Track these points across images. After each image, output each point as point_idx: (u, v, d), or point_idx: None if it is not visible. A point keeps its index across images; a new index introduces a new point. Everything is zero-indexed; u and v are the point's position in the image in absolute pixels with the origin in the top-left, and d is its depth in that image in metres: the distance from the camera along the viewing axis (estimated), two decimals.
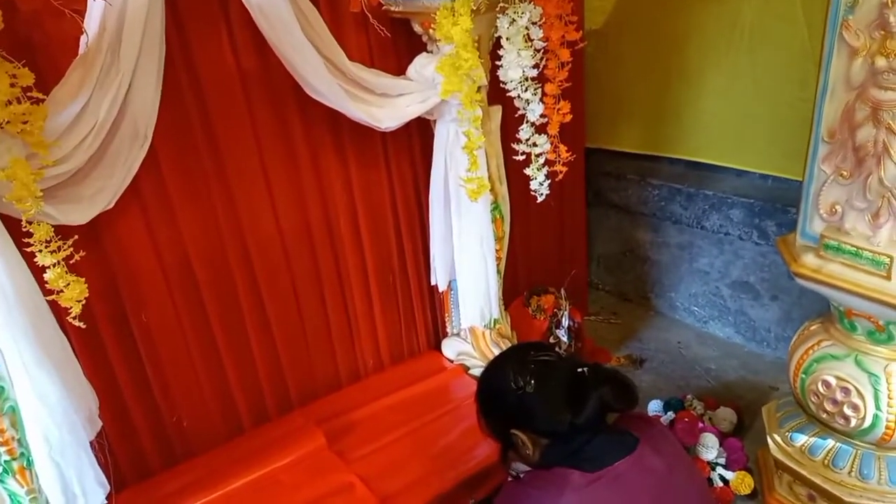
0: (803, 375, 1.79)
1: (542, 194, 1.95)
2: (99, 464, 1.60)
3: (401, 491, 1.82)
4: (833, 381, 1.71)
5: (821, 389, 1.74)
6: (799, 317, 2.38)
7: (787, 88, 2.30)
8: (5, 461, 1.46)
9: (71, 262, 1.38)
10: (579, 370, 1.24)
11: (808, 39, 2.21)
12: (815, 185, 1.63)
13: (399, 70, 1.96)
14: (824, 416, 1.77)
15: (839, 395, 1.70)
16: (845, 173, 1.55)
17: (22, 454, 1.47)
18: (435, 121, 2.05)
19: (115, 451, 1.79)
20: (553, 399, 1.22)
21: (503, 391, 1.27)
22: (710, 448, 2.05)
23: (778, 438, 1.93)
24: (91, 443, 1.57)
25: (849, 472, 1.77)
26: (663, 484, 1.20)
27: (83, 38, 1.41)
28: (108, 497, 1.65)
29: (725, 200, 2.63)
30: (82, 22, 1.40)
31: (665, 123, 2.78)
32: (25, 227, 1.31)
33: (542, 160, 1.90)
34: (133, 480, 1.90)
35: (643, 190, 2.91)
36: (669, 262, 2.97)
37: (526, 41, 1.74)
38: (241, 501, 1.82)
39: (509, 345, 2.35)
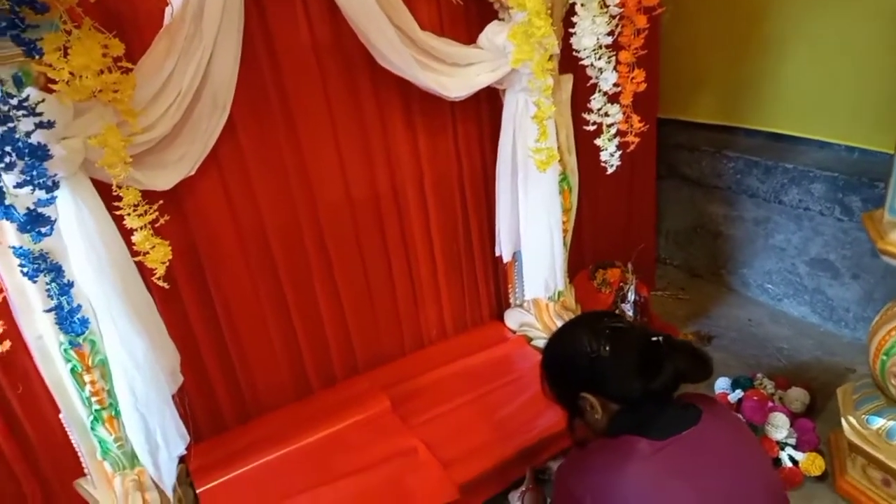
0: (884, 357, 1.72)
1: (612, 165, 1.91)
2: (180, 416, 1.70)
3: (462, 457, 1.86)
4: None
5: None
6: (882, 297, 2.27)
7: (876, 55, 2.16)
8: (96, 410, 1.57)
9: (156, 225, 1.46)
10: (654, 338, 1.23)
11: None
12: None
13: (470, 39, 1.95)
14: None
15: None
16: None
17: (111, 404, 1.58)
18: (504, 90, 2.03)
19: (193, 405, 1.89)
20: (628, 365, 1.21)
21: (576, 355, 1.26)
22: (779, 428, 1.99)
23: (853, 420, 1.87)
24: (173, 396, 1.67)
25: None
26: (727, 456, 1.18)
27: (168, 10, 1.46)
28: (188, 448, 1.75)
29: (807, 174, 2.51)
30: None
31: (743, 93, 2.66)
32: (115, 191, 1.39)
33: (613, 130, 1.85)
34: (209, 434, 2.01)
35: (718, 162, 2.81)
36: (744, 237, 2.87)
37: (601, 7, 1.69)
38: (309, 458, 1.90)
39: (573, 317, 2.34)
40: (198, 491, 1.81)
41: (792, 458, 1.97)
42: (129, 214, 1.40)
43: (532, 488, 1.72)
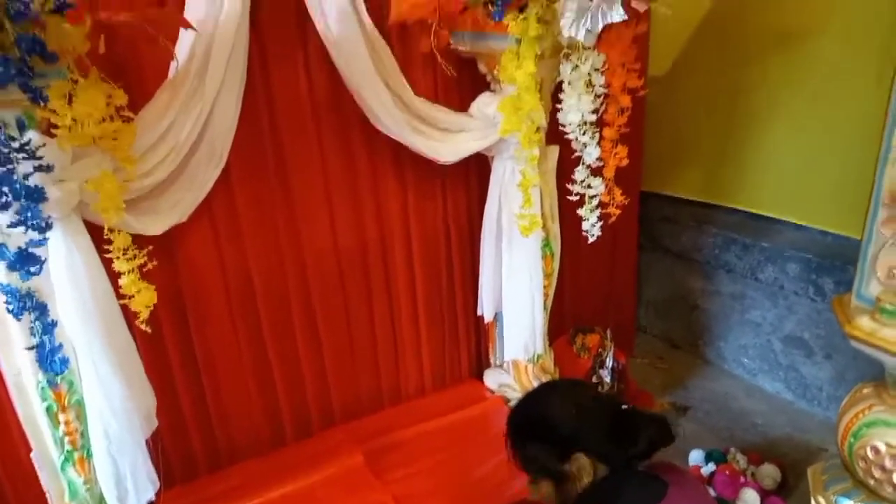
0: (852, 439, 1.75)
1: (593, 235, 1.97)
2: (151, 461, 1.69)
3: None
4: (883, 448, 1.66)
5: (869, 455, 1.69)
6: (853, 378, 2.31)
7: (857, 144, 2.24)
8: (68, 451, 1.56)
9: (144, 269, 1.48)
10: (623, 407, 1.26)
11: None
12: (874, 248, 1.61)
13: (462, 107, 2.03)
14: (872, 482, 1.71)
15: (888, 463, 1.65)
16: None
17: (83, 446, 1.57)
18: (493, 157, 2.10)
19: (167, 450, 1.88)
20: (608, 427, 1.24)
21: (558, 416, 1.27)
22: None
23: (822, 501, 1.88)
24: (146, 441, 1.66)
25: None
26: None
27: (173, 64, 1.53)
28: (157, 493, 1.73)
29: (782, 253, 2.58)
30: (174, 48, 1.52)
31: (725, 172, 2.76)
32: (107, 234, 1.42)
33: (595, 202, 1.93)
34: (181, 480, 1.99)
35: (698, 237, 2.89)
36: (720, 311, 2.92)
37: (587, 86, 1.78)
38: None
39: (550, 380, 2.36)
40: None
41: None
42: (118, 258, 1.43)
43: None
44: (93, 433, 1.54)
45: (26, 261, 1.23)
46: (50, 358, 1.35)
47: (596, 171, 1.89)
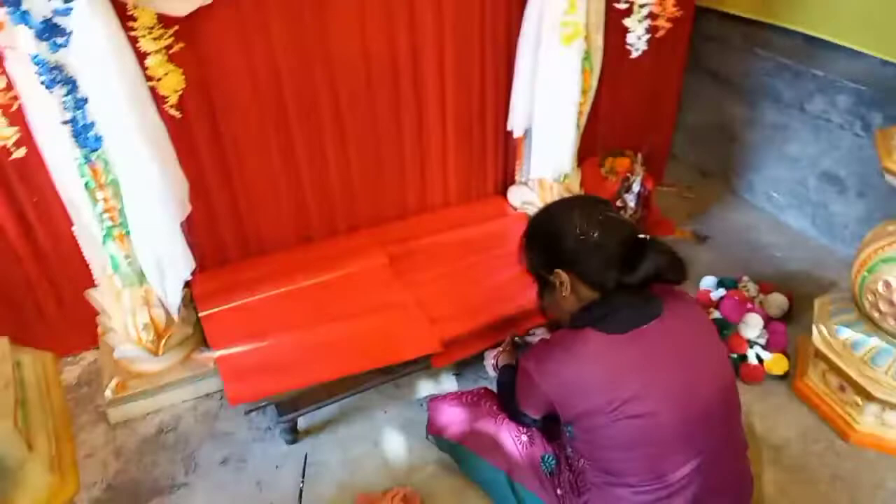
0: (866, 273, 1.77)
1: (638, 49, 1.87)
2: (186, 244, 1.78)
3: (449, 316, 1.95)
4: (895, 283, 1.69)
5: (880, 289, 1.72)
6: (880, 217, 2.26)
7: None
8: (108, 227, 1.65)
9: (171, 51, 1.46)
10: (640, 236, 1.27)
11: None
12: None
13: None
14: (876, 315, 1.76)
15: None
16: None
17: (122, 223, 1.66)
18: None
19: (199, 236, 1.98)
20: (610, 254, 1.26)
21: (564, 232, 1.30)
22: (752, 327, 2.08)
23: (823, 329, 1.95)
24: (181, 224, 1.74)
25: (886, 371, 1.79)
26: (681, 350, 1.27)
27: None
28: (192, 274, 1.85)
29: (834, 83, 2.44)
30: None
31: None
32: (131, 10, 1.38)
33: (644, 11, 1.81)
34: (213, 265, 2.11)
35: (748, 61, 2.72)
36: (760, 142, 2.83)
37: None
38: (305, 298, 2.01)
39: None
40: (200, 315, 1.94)
41: (758, 357, 2.08)
42: (143, 36, 1.40)
43: (507, 350, 1.84)
44: (129, 212, 1.61)
45: (52, 31, 1.21)
46: (84, 133, 1.38)
47: None
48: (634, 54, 1.88)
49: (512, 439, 1.53)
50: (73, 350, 2.18)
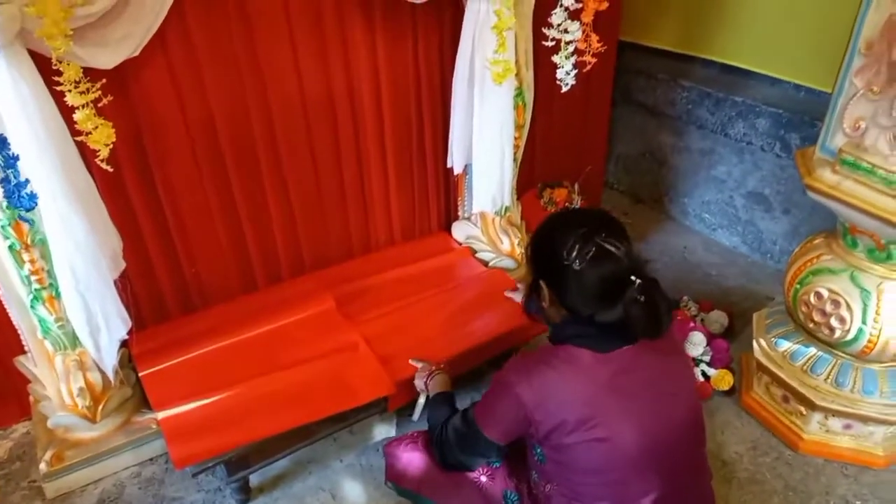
0: (798, 286, 1.85)
1: (567, 84, 1.93)
2: (122, 301, 1.71)
3: (400, 353, 1.93)
4: (825, 294, 1.76)
5: (812, 300, 1.80)
6: (806, 232, 2.40)
7: None
8: (36, 289, 1.58)
9: (99, 105, 1.42)
10: (632, 278, 1.22)
11: None
12: (844, 98, 1.61)
13: None
14: (811, 325, 1.84)
15: (829, 307, 1.76)
16: (875, 88, 1.52)
17: (51, 284, 1.58)
18: None
19: (136, 292, 1.90)
20: (588, 287, 1.25)
21: (554, 250, 1.27)
22: (696, 345, 2.14)
23: (763, 342, 2.02)
24: (115, 281, 1.68)
25: (825, 379, 1.86)
26: (659, 375, 1.28)
27: None
28: (129, 332, 1.78)
29: (753, 108, 2.58)
30: None
31: (703, 21, 2.67)
32: (56, 64, 1.33)
33: (571, 48, 1.86)
34: (152, 322, 2.03)
35: (672, 91, 2.85)
36: (688, 167, 2.95)
37: None
38: (251, 349, 1.95)
39: (517, 233, 2.41)
40: (140, 374, 1.85)
41: (704, 374, 2.13)
42: (70, 91, 1.36)
43: (440, 376, 1.72)
44: (59, 272, 1.54)
45: None
46: (17, 193, 1.32)
47: (574, 15, 1.82)
48: (564, 89, 1.93)
49: (471, 479, 1.50)
50: (4, 423, 2.05)
